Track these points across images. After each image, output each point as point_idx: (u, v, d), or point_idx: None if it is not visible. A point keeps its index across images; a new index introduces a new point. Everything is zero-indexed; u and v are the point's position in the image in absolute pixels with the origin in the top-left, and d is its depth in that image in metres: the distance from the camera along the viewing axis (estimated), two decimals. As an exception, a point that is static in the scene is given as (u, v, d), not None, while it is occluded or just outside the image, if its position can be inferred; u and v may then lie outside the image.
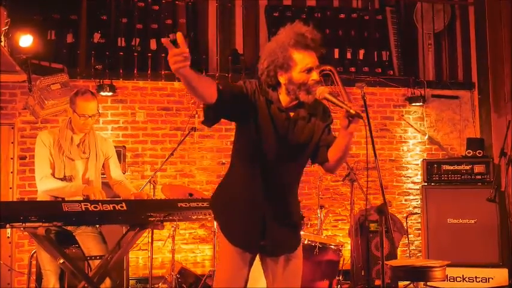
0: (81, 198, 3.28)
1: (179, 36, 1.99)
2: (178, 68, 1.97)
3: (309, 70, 2.30)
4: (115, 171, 3.62)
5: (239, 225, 2.44)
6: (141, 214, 2.96)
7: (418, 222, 6.21)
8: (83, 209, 2.76)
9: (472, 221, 5.48)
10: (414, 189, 6.33)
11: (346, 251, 5.28)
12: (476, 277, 5.33)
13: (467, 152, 5.80)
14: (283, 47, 2.30)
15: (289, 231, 2.49)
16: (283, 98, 2.38)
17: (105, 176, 3.64)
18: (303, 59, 2.29)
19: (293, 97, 2.35)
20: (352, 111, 2.17)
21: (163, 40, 2.01)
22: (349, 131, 2.23)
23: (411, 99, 6.35)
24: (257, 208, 2.41)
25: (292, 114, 2.40)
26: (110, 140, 3.80)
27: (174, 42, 2.00)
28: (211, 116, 2.28)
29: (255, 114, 2.35)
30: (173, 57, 1.96)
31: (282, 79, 2.33)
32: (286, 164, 2.41)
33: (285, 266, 2.47)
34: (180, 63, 1.97)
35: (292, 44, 2.29)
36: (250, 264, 2.47)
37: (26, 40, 4.90)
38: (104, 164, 3.59)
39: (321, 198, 5.31)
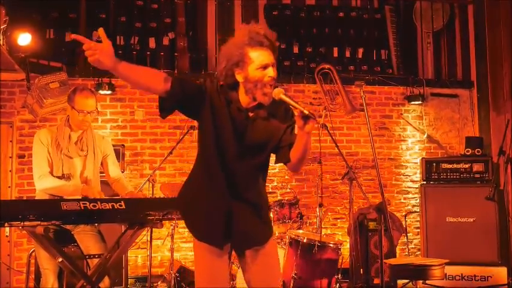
0: (80, 197, 3.28)
1: (100, 31, 2.20)
2: (91, 61, 2.17)
3: (265, 67, 2.35)
4: (113, 169, 3.62)
5: (204, 221, 2.47)
6: (140, 213, 2.96)
7: (417, 221, 6.21)
8: (82, 207, 2.75)
9: (471, 220, 5.49)
10: (413, 187, 6.33)
11: (345, 250, 5.29)
12: (475, 275, 5.34)
13: (466, 151, 5.80)
14: (238, 46, 2.37)
15: (255, 226, 2.52)
16: (243, 98, 2.43)
17: (103, 174, 3.65)
18: (258, 56, 2.35)
19: (251, 97, 2.39)
20: (305, 111, 2.22)
21: (72, 36, 2.23)
22: (305, 131, 2.28)
23: (410, 98, 6.36)
24: (221, 204, 2.44)
25: (251, 114, 2.44)
26: (108, 138, 3.80)
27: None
28: (166, 106, 2.38)
29: (212, 113, 2.40)
30: (86, 51, 2.16)
31: (240, 77, 2.38)
32: (246, 162, 2.45)
33: (256, 261, 2.50)
34: (91, 56, 2.16)
35: (247, 42, 2.36)
36: (227, 257, 2.50)
37: (24, 38, 4.90)
38: (102, 162, 3.59)
39: (320, 196, 5.30)
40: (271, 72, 2.35)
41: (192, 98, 2.38)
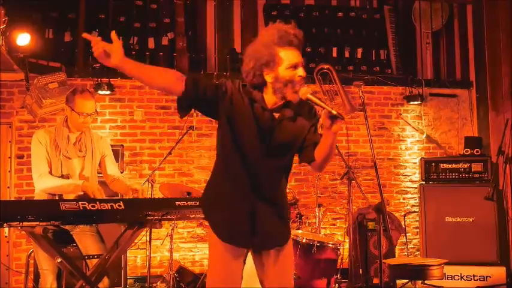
0: (79, 197, 3.28)
1: (113, 34, 2.23)
2: (97, 56, 2.19)
3: (295, 66, 2.33)
4: (111, 168, 3.61)
5: (228, 222, 2.44)
6: (139, 213, 2.95)
7: (416, 221, 6.21)
8: (81, 208, 2.75)
9: (470, 220, 5.49)
10: (412, 187, 6.33)
11: (345, 250, 5.29)
12: (474, 275, 5.34)
13: (465, 151, 5.80)
14: (267, 45, 2.34)
15: (278, 225, 2.50)
16: (269, 98, 2.40)
17: (101, 174, 3.64)
18: (288, 56, 2.33)
19: (279, 96, 2.36)
20: (333, 112, 2.20)
21: (84, 35, 2.27)
22: (332, 131, 2.26)
23: (409, 98, 6.36)
24: (245, 204, 2.42)
25: (277, 114, 2.41)
26: (105, 138, 3.80)
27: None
28: (182, 106, 2.36)
29: (234, 113, 2.38)
30: (92, 46, 2.18)
31: (269, 77, 2.35)
32: (271, 162, 2.42)
33: (275, 261, 2.48)
34: (96, 52, 2.18)
35: (276, 41, 2.33)
36: (243, 259, 2.49)
37: (23, 39, 4.89)
38: (100, 162, 3.59)
39: (319, 196, 5.31)
40: (301, 71, 2.34)
41: (207, 99, 2.35)
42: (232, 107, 2.37)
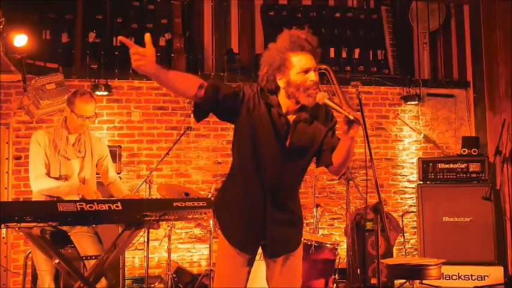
0: (77, 198, 3.28)
1: (146, 36, 2.15)
2: (136, 66, 2.13)
3: (306, 71, 2.33)
4: (109, 171, 3.62)
5: (239, 226, 2.45)
6: (136, 213, 2.94)
7: (413, 221, 6.22)
8: (78, 209, 2.74)
9: (468, 219, 5.50)
10: (410, 187, 6.34)
11: (342, 250, 5.30)
12: (471, 275, 5.35)
13: (463, 151, 5.81)
14: (280, 51, 2.36)
15: (290, 233, 2.52)
16: (284, 102, 2.40)
17: (99, 175, 3.64)
18: (299, 61, 2.33)
19: (293, 100, 2.37)
20: (350, 116, 2.20)
21: (120, 38, 2.18)
22: (349, 135, 2.26)
23: (406, 98, 6.37)
24: (257, 210, 2.43)
25: (292, 118, 2.42)
26: (104, 140, 3.80)
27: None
28: (200, 111, 2.36)
29: (251, 118, 2.38)
30: (132, 55, 2.11)
31: (281, 82, 2.36)
32: (287, 167, 2.42)
33: (284, 264, 2.49)
34: (137, 61, 2.12)
35: (288, 46, 2.34)
36: (250, 264, 2.49)
37: (20, 40, 4.88)
38: (98, 164, 3.59)
39: (317, 197, 5.31)
40: (312, 76, 2.33)
41: (226, 105, 2.36)
42: (249, 112, 2.38)
